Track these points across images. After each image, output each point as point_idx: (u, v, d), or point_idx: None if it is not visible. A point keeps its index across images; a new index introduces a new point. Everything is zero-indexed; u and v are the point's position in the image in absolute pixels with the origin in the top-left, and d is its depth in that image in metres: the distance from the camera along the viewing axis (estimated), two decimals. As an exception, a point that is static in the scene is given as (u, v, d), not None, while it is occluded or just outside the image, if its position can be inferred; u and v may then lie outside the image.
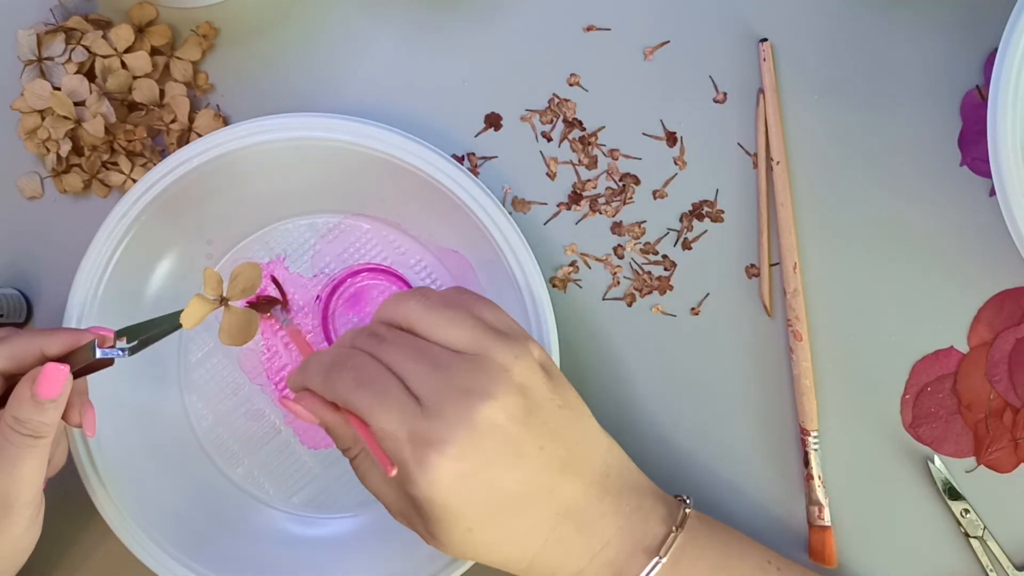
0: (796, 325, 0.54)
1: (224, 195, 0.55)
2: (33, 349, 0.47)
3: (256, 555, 0.55)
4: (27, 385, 0.45)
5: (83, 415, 0.48)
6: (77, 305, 0.54)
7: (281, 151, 0.54)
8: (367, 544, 0.56)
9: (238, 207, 0.56)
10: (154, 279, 0.57)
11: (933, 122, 0.55)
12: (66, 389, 0.46)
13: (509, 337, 0.45)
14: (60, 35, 0.57)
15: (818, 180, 0.55)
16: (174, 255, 0.57)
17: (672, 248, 0.56)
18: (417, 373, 0.43)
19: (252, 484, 0.57)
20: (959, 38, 0.55)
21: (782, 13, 0.55)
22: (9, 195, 0.59)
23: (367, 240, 0.57)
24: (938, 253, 0.55)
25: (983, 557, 0.54)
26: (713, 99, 0.56)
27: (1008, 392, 0.54)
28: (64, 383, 0.45)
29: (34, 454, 0.46)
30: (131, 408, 0.56)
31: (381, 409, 0.43)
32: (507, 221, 0.53)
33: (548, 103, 0.57)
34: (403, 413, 0.43)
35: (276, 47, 0.58)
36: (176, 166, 0.53)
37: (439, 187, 0.53)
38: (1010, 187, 0.47)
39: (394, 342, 0.45)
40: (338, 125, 0.53)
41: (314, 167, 0.55)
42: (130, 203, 0.54)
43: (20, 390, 0.45)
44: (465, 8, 0.57)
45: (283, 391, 0.57)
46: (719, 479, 0.55)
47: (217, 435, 0.57)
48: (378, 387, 0.43)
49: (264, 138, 0.53)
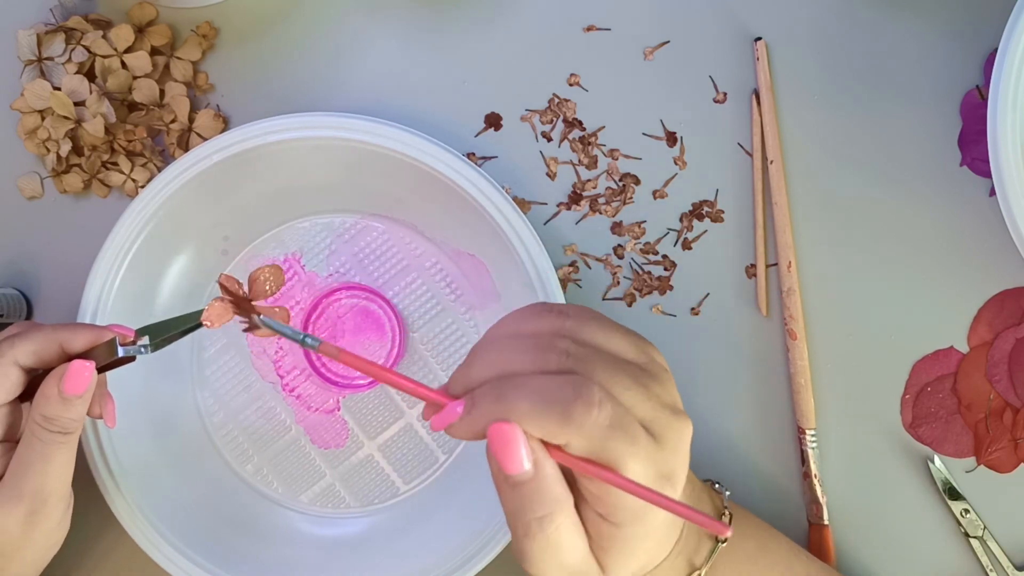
0: (792, 324, 0.54)
1: (242, 192, 0.55)
2: (54, 346, 0.47)
3: (264, 553, 0.56)
4: (54, 382, 0.46)
5: (103, 407, 0.49)
6: (92, 300, 0.54)
7: (301, 150, 0.54)
8: (375, 544, 0.56)
9: (255, 204, 0.56)
10: (170, 274, 0.57)
11: (933, 122, 0.55)
12: (92, 385, 0.46)
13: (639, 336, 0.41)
14: (60, 35, 0.57)
15: (817, 180, 0.55)
16: (191, 250, 0.57)
17: (672, 248, 0.56)
18: (632, 395, 0.37)
19: (261, 481, 0.57)
20: (959, 38, 0.55)
21: (782, 13, 0.55)
22: (9, 195, 0.59)
23: (383, 241, 0.57)
24: (938, 253, 0.55)
25: (983, 557, 0.54)
26: (713, 99, 0.56)
27: (1008, 392, 0.54)
28: (91, 380, 0.46)
29: (64, 450, 0.47)
30: (144, 403, 0.56)
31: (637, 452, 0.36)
32: (523, 223, 0.53)
33: (548, 103, 0.57)
34: (649, 452, 0.37)
35: (276, 47, 0.58)
36: (195, 162, 0.53)
37: (456, 188, 0.53)
38: (1010, 187, 0.47)
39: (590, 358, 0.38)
40: (357, 125, 0.53)
41: (332, 166, 0.55)
42: (149, 198, 0.54)
43: (47, 388, 0.46)
44: (465, 8, 0.57)
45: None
46: (719, 477, 0.55)
47: (227, 431, 0.57)
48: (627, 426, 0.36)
49: (285, 136, 0.53)
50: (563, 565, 0.39)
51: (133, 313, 0.55)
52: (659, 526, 0.39)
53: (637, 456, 0.36)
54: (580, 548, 0.38)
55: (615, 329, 0.40)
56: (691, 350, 0.56)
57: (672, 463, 0.37)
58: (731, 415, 0.56)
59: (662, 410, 0.38)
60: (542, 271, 0.53)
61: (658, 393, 0.38)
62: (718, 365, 0.56)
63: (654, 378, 0.39)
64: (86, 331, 0.47)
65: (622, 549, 0.39)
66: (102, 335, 0.47)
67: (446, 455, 0.57)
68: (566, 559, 0.38)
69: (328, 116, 0.53)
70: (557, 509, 0.37)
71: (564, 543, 0.38)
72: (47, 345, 0.47)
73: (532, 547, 0.38)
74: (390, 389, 0.57)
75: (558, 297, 0.53)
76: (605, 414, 0.36)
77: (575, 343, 0.38)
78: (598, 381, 0.37)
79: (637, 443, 0.36)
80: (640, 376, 0.38)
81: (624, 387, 0.37)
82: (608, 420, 0.36)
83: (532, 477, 0.37)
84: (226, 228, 0.57)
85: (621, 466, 0.36)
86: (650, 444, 0.37)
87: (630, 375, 0.38)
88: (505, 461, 0.36)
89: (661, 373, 0.40)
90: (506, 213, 0.53)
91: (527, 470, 0.36)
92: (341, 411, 0.57)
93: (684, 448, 0.38)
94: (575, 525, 0.38)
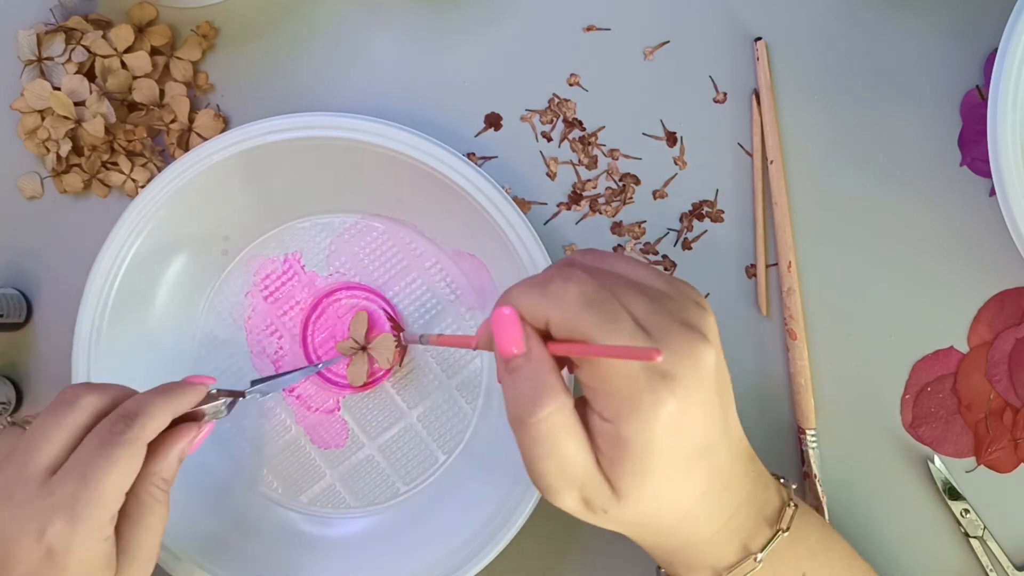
0: (792, 324, 0.54)
1: (242, 192, 0.55)
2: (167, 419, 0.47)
3: (264, 554, 0.56)
4: (178, 449, 0.47)
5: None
6: (92, 300, 0.54)
7: (301, 150, 0.54)
8: (376, 545, 0.56)
9: (255, 204, 0.56)
10: (170, 274, 0.57)
11: (933, 122, 0.55)
12: None
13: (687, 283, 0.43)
14: (60, 35, 0.57)
15: (817, 180, 0.55)
16: (191, 250, 0.57)
17: (672, 248, 0.56)
18: (639, 302, 0.39)
19: (261, 481, 0.57)
20: (959, 38, 0.55)
21: (782, 13, 0.55)
22: (9, 195, 0.59)
23: (383, 241, 0.57)
24: (938, 253, 0.55)
25: (983, 557, 0.54)
26: (713, 99, 0.56)
27: (1008, 392, 0.54)
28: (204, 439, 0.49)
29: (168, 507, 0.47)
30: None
31: (615, 329, 0.38)
32: (523, 223, 0.53)
33: (548, 103, 0.57)
34: (635, 339, 0.38)
35: (276, 47, 0.58)
36: (195, 162, 0.53)
37: (456, 188, 0.53)
38: (1010, 187, 0.47)
39: (608, 273, 0.41)
40: (357, 125, 0.53)
41: (332, 166, 0.55)
42: (150, 198, 0.54)
43: (171, 451, 0.47)
44: (465, 8, 0.57)
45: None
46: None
47: (227, 430, 0.57)
48: (608, 306, 0.39)
49: (285, 136, 0.53)
50: (563, 470, 0.40)
51: (132, 311, 0.55)
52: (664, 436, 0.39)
53: (612, 335, 0.38)
54: (580, 456, 0.39)
55: (633, 260, 0.42)
56: (691, 350, 0.56)
57: (669, 365, 0.38)
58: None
59: (670, 321, 0.39)
60: (539, 266, 0.53)
61: (671, 309, 0.40)
62: (718, 365, 0.56)
63: (674, 301, 0.40)
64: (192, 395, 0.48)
65: (631, 463, 0.39)
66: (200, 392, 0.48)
67: (446, 455, 0.57)
68: (566, 464, 0.39)
69: (328, 116, 0.53)
70: (548, 395, 0.39)
71: (560, 441, 0.39)
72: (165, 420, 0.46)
73: (527, 441, 0.40)
74: (390, 389, 0.57)
75: None
76: (577, 288, 0.39)
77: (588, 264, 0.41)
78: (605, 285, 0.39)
79: (616, 323, 0.38)
80: (655, 295, 0.40)
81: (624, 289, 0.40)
82: (581, 295, 0.39)
83: (525, 362, 0.40)
84: (226, 228, 0.57)
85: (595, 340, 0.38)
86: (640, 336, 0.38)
87: (643, 292, 0.40)
88: (501, 343, 0.40)
89: (687, 302, 0.41)
90: (506, 213, 0.53)
91: (520, 352, 0.40)
92: (341, 411, 0.57)
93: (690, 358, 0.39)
94: (571, 424, 0.39)
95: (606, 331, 0.38)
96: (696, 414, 0.40)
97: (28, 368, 0.60)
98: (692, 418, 0.40)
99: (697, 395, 0.39)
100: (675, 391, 0.39)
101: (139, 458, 0.44)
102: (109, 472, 0.43)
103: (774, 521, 0.45)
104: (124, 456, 0.43)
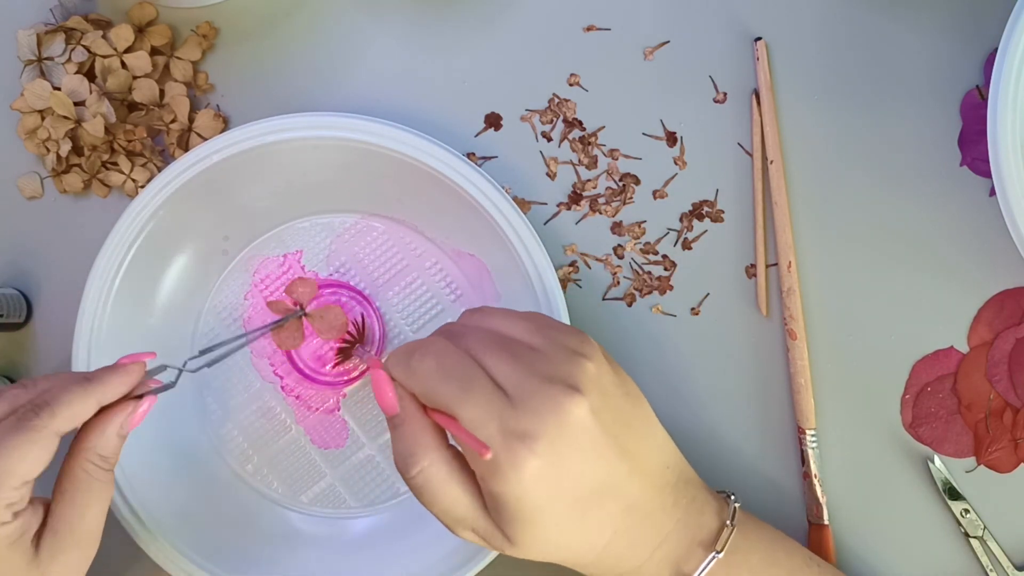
0: (791, 324, 0.54)
1: (242, 192, 0.55)
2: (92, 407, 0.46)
3: (264, 553, 0.56)
4: (115, 425, 0.46)
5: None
6: (92, 299, 0.54)
7: (301, 150, 0.54)
8: (376, 545, 0.56)
9: (255, 204, 0.56)
10: (170, 274, 0.57)
11: (933, 122, 0.55)
12: None
13: (571, 328, 0.45)
14: (60, 35, 0.57)
15: (817, 180, 0.55)
16: (191, 250, 0.57)
17: (672, 248, 0.56)
18: (502, 363, 0.42)
19: (261, 482, 0.57)
20: (959, 38, 0.55)
21: (782, 13, 0.55)
22: (9, 195, 0.59)
23: (383, 241, 0.57)
24: (938, 253, 0.55)
25: (983, 557, 0.54)
26: (713, 99, 0.56)
27: (1008, 392, 0.54)
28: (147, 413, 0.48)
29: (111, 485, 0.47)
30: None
31: (469, 399, 0.41)
32: (523, 223, 0.53)
33: (548, 103, 0.57)
34: (491, 404, 0.41)
35: (276, 47, 0.58)
36: (195, 162, 0.53)
37: (456, 188, 0.53)
38: (1010, 187, 0.47)
39: (472, 335, 0.44)
40: (357, 125, 0.53)
41: (332, 166, 0.55)
42: (149, 198, 0.54)
43: (108, 427, 0.46)
44: (465, 8, 0.57)
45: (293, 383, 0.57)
46: (719, 476, 0.55)
47: (227, 431, 0.57)
48: (464, 375, 0.42)
49: (285, 136, 0.53)
50: (448, 514, 0.43)
51: (133, 313, 0.55)
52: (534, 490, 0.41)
53: (468, 404, 0.41)
54: (462, 503, 0.43)
55: (511, 315, 0.45)
56: (691, 350, 0.56)
57: (529, 425, 0.40)
58: (731, 415, 0.56)
59: (530, 377, 0.41)
60: (542, 271, 0.53)
61: (537, 365, 0.42)
62: (718, 365, 0.56)
63: (540, 354, 0.42)
64: (118, 381, 0.47)
65: (509, 515, 0.42)
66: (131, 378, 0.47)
67: (446, 455, 0.57)
68: (450, 510, 0.43)
69: (328, 116, 0.53)
70: (420, 452, 0.42)
71: (438, 492, 0.43)
72: (85, 408, 0.45)
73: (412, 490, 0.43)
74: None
75: (557, 297, 0.53)
76: (434, 361, 0.42)
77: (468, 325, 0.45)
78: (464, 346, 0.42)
79: (471, 392, 0.41)
80: (519, 350, 0.43)
81: (488, 352, 0.42)
82: (437, 367, 0.42)
83: (400, 422, 0.43)
84: (226, 228, 0.57)
85: (451, 411, 0.41)
86: (498, 400, 0.41)
87: (505, 347, 0.42)
88: (380, 401, 0.44)
89: (557, 353, 0.43)
90: (506, 213, 0.53)
91: (398, 413, 0.43)
92: (341, 411, 0.57)
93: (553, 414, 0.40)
94: (446, 478, 0.42)
95: (461, 400, 0.41)
96: (572, 464, 0.41)
97: (28, 368, 0.60)
98: (566, 470, 0.41)
99: (567, 448, 0.41)
100: (534, 449, 0.40)
101: (45, 445, 0.44)
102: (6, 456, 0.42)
103: (710, 544, 0.45)
104: (25, 442, 0.43)
